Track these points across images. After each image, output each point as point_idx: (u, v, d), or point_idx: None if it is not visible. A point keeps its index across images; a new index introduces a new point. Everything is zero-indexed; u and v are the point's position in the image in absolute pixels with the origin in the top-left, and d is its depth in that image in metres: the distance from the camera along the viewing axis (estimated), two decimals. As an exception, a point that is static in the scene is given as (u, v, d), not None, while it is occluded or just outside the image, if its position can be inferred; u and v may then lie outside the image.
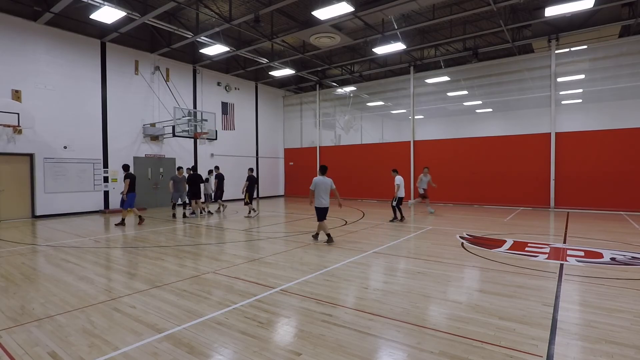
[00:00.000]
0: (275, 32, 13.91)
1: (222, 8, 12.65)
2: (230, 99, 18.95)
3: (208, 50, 14.59)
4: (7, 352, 3.06)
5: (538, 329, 3.45)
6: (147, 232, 9.36)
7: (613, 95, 13.83)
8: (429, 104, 17.98)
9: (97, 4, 10.49)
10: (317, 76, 20.12)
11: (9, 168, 11.71)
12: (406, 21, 13.26)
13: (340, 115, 20.93)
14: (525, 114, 15.68)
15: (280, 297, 4.43)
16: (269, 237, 8.65)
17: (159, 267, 5.86)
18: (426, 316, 3.83)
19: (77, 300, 4.35)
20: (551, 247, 7.22)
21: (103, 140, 13.89)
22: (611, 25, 12.54)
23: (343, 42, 14.30)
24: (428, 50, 16.34)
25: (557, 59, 14.12)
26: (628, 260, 6.18)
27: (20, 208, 11.97)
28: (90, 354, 3.02)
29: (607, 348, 3.09)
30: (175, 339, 3.30)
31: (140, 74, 15.01)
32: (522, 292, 4.54)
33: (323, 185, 7.74)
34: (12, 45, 11.54)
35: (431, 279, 5.16)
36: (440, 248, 7.21)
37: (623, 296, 4.37)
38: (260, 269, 5.77)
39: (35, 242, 8.08)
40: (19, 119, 10.89)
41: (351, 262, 6.12)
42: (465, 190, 15.94)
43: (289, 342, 3.28)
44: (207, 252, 6.95)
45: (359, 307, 4.07)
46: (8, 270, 5.72)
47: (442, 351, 3.06)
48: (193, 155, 17.30)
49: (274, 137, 22.21)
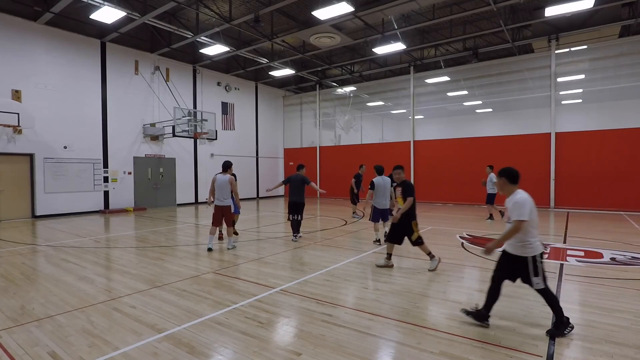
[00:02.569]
0: (275, 32, 13.91)
1: (222, 8, 12.64)
2: (230, 99, 18.95)
3: (208, 50, 14.59)
4: (7, 352, 3.06)
5: (538, 329, 3.45)
6: (147, 232, 9.36)
7: (613, 95, 13.83)
8: (429, 104, 17.98)
9: (97, 4, 10.49)
10: (317, 76, 20.12)
11: (9, 168, 11.71)
12: (406, 21, 13.26)
13: (340, 115, 20.93)
14: (525, 114, 15.69)
15: (280, 297, 4.43)
16: (269, 237, 8.65)
17: (159, 267, 5.86)
18: (426, 316, 3.84)
19: (77, 300, 4.35)
20: (551, 247, 7.23)
21: (103, 140, 13.89)
22: (611, 25, 12.53)
23: (343, 42, 14.30)
24: (428, 50, 16.33)
25: (557, 59, 14.12)
26: (628, 260, 6.18)
27: (20, 208, 11.97)
28: (90, 354, 3.02)
29: (607, 348, 3.09)
30: (175, 339, 3.30)
31: (140, 74, 15.01)
32: (522, 292, 4.53)
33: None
34: (12, 45, 11.54)
35: (431, 279, 5.16)
36: (440, 248, 7.21)
37: (623, 296, 4.37)
38: (260, 269, 5.77)
39: (35, 242, 8.08)
40: (19, 119, 10.89)
41: (351, 262, 6.12)
42: (465, 190, 15.93)
43: (289, 342, 3.28)
44: (206, 252, 6.94)
45: (359, 307, 4.07)
46: (8, 270, 5.72)
47: (442, 351, 3.06)
48: (193, 155, 17.31)
49: (274, 137, 22.21)
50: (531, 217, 3.31)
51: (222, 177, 7.07)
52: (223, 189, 7.06)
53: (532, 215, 3.32)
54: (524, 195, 3.40)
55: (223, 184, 7.05)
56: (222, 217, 7.13)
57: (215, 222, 7.16)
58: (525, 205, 3.31)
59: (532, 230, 3.34)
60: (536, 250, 3.33)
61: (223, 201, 7.08)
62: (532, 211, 3.34)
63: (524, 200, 3.35)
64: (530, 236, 3.34)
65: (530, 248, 3.32)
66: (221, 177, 7.08)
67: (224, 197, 7.08)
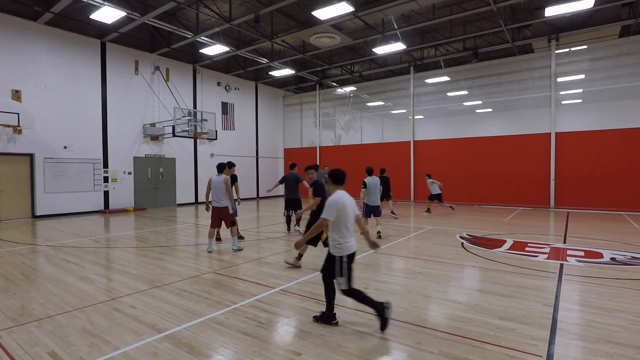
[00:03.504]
0: (275, 32, 13.91)
1: (222, 8, 12.65)
2: (230, 99, 18.95)
3: (208, 50, 14.59)
4: (7, 352, 3.06)
5: (538, 329, 3.45)
6: (147, 232, 9.36)
7: (613, 95, 13.83)
8: (429, 104, 17.98)
9: (97, 4, 10.49)
10: (317, 76, 20.12)
11: (9, 168, 11.71)
12: (406, 21, 13.26)
13: (340, 115, 20.94)
14: (525, 114, 15.69)
15: (280, 297, 4.43)
16: (269, 237, 8.65)
17: (159, 267, 5.86)
18: (426, 316, 3.83)
19: (77, 300, 4.35)
20: (551, 247, 7.22)
21: (103, 140, 13.89)
22: (611, 25, 12.54)
23: (343, 42, 14.30)
24: (428, 50, 16.33)
25: (557, 59, 14.12)
26: (628, 260, 6.18)
27: (20, 208, 11.97)
28: (90, 354, 3.02)
29: (607, 348, 3.09)
30: (175, 339, 3.30)
31: (140, 74, 15.01)
32: (522, 292, 4.54)
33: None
34: (12, 45, 11.54)
35: (431, 279, 5.16)
36: (440, 248, 7.21)
37: (623, 296, 4.37)
38: (260, 269, 5.77)
39: (35, 242, 8.08)
40: (19, 119, 10.89)
41: (351, 262, 6.11)
42: (465, 190, 15.93)
43: (289, 342, 3.28)
44: (206, 252, 6.94)
45: (359, 307, 4.06)
46: (8, 270, 5.72)
47: (442, 351, 3.06)
48: (193, 155, 17.31)
49: (274, 137, 22.21)
50: (339, 219, 3.42)
51: (217, 178, 7.04)
52: (218, 190, 7.01)
53: (340, 217, 3.42)
54: (335, 197, 3.48)
55: (218, 185, 7.02)
56: (219, 218, 7.07)
57: (213, 224, 7.13)
58: (332, 206, 3.41)
59: (343, 231, 3.46)
60: (345, 251, 3.43)
61: (219, 202, 7.01)
62: (342, 213, 3.42)
63: (333, 201, 3.44)
64: (341, 237, 3.45)
65: (339, 248, 3.45)
66: (216, 179, 7.05)
67: (220, 198, 7.01)
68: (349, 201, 3.51)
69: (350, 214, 3.50)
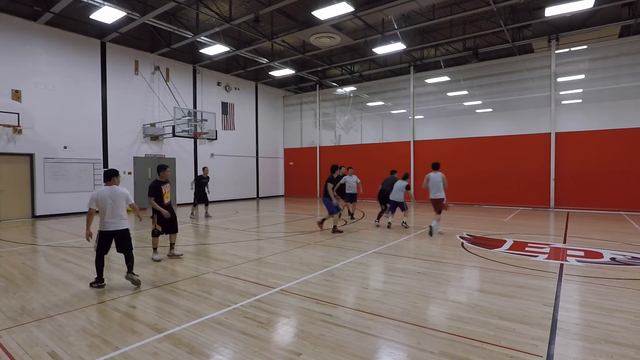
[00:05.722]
0: (275, 32, 13.91)
1: (222, 8, 12.64)
2: (230, 99, 18.95)
3: (208, 50, 14.58)
4: (7, 352, 3.06)
5: (538, 329, 3.45)
6: (147, 232, 9.35)
7: (613, 95, 13.83)
8: (429, 104, 17.98)
9: (97, 4, 10.49)
10: (317, 76, 20.11)
11: (9, 168, 11.71)
12: (406, 21, 13.26)
13: (340, 115, 20.93)
14: (525, 114, 15.69)
15: (280, 297, 4.43)
16: (269, 237, 8.65)
17: (159, 267, 5.86)
18: (426, 316, 3.83)
19: (77, 300, 4.35)
20: (551, 247, 7.22)
21: (103, 140, 13.89)
22: (611, 25, 12.53)
23: (343, 42, 14.30)
24: (428, 50, 16.33)
25: (557, 59, 14.12)
26: (628, 260, 6.18)
27: (20, 208, 11.97)
28: (90, 354, 3.02)
29: (607, 348, 3.09)
30: (175, 339, 3.30)
31: (140, 74, 15.01)
32: (522, 292, 4.54)
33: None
34: (12, 45, 11.54)
35: (431, 279, 5.16)
36: (440, 248, 7.22)
37: (623, 296, 4.37)
38: (260, 269, 5.77)
39: (35, 242, 8.08)
40: (19, 119, 10.90)
41: (351, 262, 6.12)
42: (465, 190, 15.93)
43: (289, 342, 3.28)
44: (207, 252, 6.94)
45: (359, 307, 4.07)
46: (8, 270, 5.72)
47: (442, 351, 3.06)
48: (193, 155, 17.31)
49: (274, 137, 22.21)
50: (93, 207, 4.67)
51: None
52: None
53: (96, 206, 4.67)
54: (95, 191, 4.76)
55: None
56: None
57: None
58: (91, 198, 4.67)
59: (102, 216, 4.74)
60: (100, 228, 4.79)
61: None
62: (99, 203, 4.67)
63: (92, 194, 4.70)
64: (100, 219, 4.76)
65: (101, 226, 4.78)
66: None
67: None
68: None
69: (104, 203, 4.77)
